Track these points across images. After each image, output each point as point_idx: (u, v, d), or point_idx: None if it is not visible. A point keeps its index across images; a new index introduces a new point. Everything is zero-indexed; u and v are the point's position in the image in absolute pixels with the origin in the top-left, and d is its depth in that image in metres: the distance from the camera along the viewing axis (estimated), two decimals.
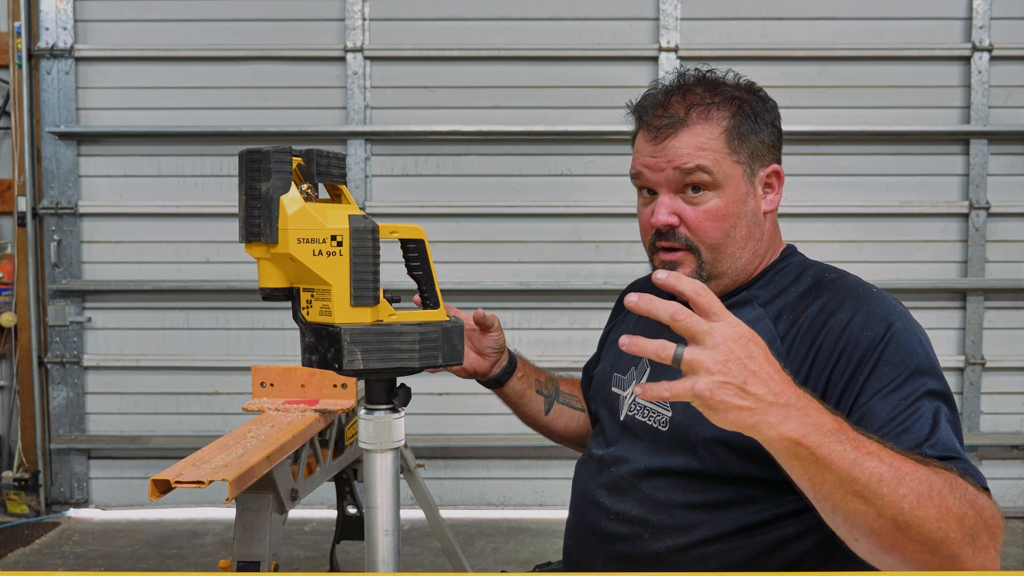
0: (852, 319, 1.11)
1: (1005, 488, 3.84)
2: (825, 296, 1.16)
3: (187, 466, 1.22)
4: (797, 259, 1.28)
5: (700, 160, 1.16)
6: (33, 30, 3.73)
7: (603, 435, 1.34)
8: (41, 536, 3.57)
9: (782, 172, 1.25)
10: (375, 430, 0.99)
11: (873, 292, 1.17)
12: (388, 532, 1.00)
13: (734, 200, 1.18)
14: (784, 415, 0.85)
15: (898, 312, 1.14)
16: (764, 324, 1.17)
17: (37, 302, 3.80)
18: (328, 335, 0.95)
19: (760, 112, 1.22)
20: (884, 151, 3.74)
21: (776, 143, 1.24)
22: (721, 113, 1.19)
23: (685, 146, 1.17)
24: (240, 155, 0.95)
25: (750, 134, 1.20)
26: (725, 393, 0.82)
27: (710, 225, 1.18)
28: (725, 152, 1.17)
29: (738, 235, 1.19)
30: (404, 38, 3.74)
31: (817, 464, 0.86)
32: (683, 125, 1.17)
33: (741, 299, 1.22)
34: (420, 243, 1.03)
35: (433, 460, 3.78)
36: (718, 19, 3.72)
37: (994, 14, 3.67)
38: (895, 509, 0.87)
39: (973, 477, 0.96)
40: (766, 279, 1.23)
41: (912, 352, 1.10)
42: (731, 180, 1.18)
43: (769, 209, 1.24)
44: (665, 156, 1.18)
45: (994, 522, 0.93)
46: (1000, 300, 3.78)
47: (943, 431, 1.02)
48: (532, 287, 3.75)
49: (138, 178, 3.80)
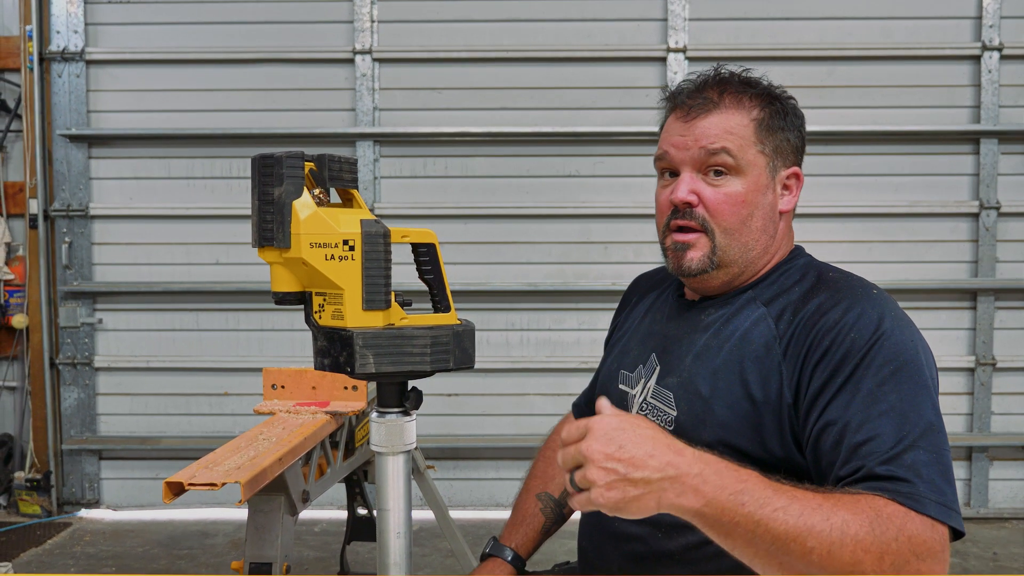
0: (843, 317, 1.10)
1: (1017, 489, 3.82)
2: (824, 295, 1.16)
3: (200, 468, 1.23)
4: (803, 259, 1.28)
5: (726, 142, 1.18)
6: (44, 33, 3.76)
7: None
8: (53, 536, 3.59)
9: (802, 176, 1.27)
10: (387, 433, 1.00)
11: (872, 293, 1.15)
12: (400, 535, 1.01)
13: (754, 189, 1.20)
14: (681, 488, 0.88)
15: (894, 314, 1.11)
16: (766, 324, 1.17)
17: (49, 304, 3.82)
18: (340, 339, 0.95)
19: (789, 114, 1.25)
20: (894, 151, 3.72)
21: (800, 148, 1.27)
22: (753, 103, 1.22)
23: (714, 127, 1.19)
24: (253, 160, 0.96)
25: (777, 130, 1.23)
26: (615, 492, 0.86)
27: (728, 209, 1.19)
28: (752, 140, 1.20)
29: (754, 225, 1.21)
30: (412, 40, 3.75)
31: (722, 528, 0.90)
32: (715, 107, 1.21)
33: (746, 299, 1.23)
34: (431, 247, 1.04)
35: (443, 461, 3.79)
36: (726, 19, 3.72)
37: (1004, 13, 3.66)
38: (804, 561, 0.90)
39: (916, 502, 0.95)
40: (771, 278, 1.24)
41: (897, 354, 1.07)
42: (753, 169, 1.20)
43: (785, 209, 1.26)
44: (693, 135, 1.20)
45: (925, 548, 0.93)
46: (1011, 300, 3.76)
47: (898, 447, 1.00)
48: (541, 288, 3.75)
49: (148, 180, 3.82)
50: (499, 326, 3.79)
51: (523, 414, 3.77)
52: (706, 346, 1.21)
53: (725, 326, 1.21)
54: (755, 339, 1.17)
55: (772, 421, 1.12)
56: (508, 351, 3.80)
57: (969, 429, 3.79)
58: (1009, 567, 3.25)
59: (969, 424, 3.79)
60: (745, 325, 1.19)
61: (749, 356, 1.16)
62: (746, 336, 1.18)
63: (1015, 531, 3.65)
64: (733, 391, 1.15)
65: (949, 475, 1.01)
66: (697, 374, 1.20)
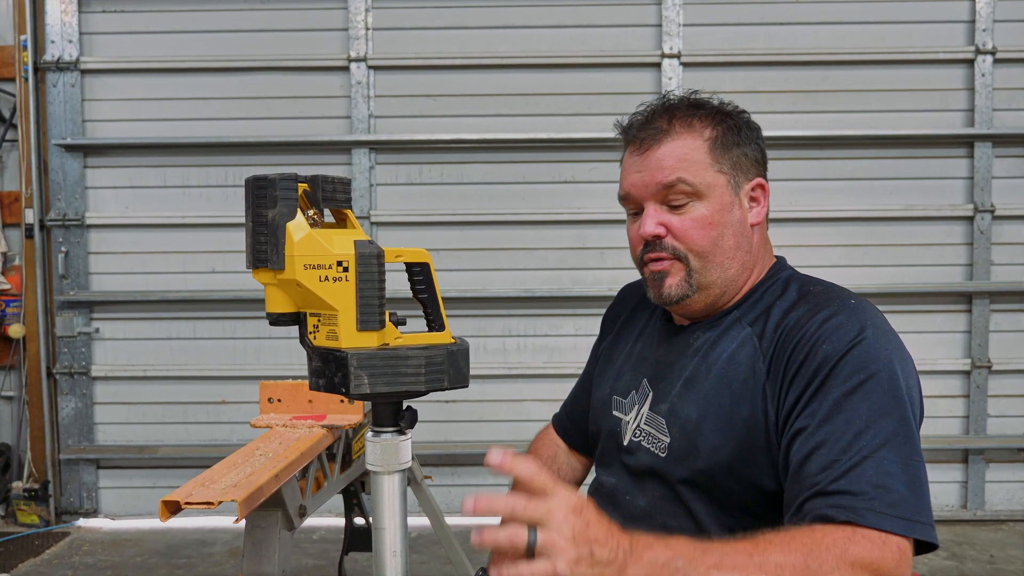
0: (820, 328, 1.10)
1: (1013, 491, 3.83)
2: (803, 308, 1.16)
3: (197, 486, 1.23)
4: (785, 274, 1.27)
5: (681, 171, 1.18)
6: (39, 43, 3.76)
7: (608, 462, 1.34)
8: (51, 546, 3.59)
9: (767, 186, 1.26)
10: (382, 452, 1.00)
11: (851, 303, 1.14)
12: (396, 553, 1.01)
13: (719, 209, 1.20)
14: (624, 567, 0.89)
15: (875, 325, 1.10)
16: (751, 344, 1.18)
17: (45, 313, 3.82)
18: (335, 359, 0.96)
19: (743, 129, 1.24)
20: (888, 155, 3.74)
21: (760, 160, 1.26)
22: (704, 123, 1.21)
23: (668, 156, 1.19)
24: (246, 182, 0.96)
25: (733, 146, 1.22)
26: (581, 568, 0.86)
27: (697, 233, 1.19)
28: (708, 162, 1.20)
29: (726, 244, 1.20)
30: (407, 47, 3.76)
31: None
32: (667, 135, 1.20)
33: (731, 320, 1.23)
34: (425, 266, 1.05)
35: (440, 467, 3.79)
36: (721, 25, 3.73)
37: (997, 17, 3.68)
38: None
39: (861, 516, 0.95)
40: (755, 296, 1.24)
41: (869, 363, 1.05)
42: (715, 189, 1.20)
43: (756, 221, 1.25)
44: (649, 169, 1.20)
45: (873, 568, 0.93)
46: (1006, 303, 3.78)
47: (855, 457, 1.00)
48: (537, 294, 3.76)
49: (144, 189, 3.82)
50: (496, 332, 3.79)
51: (520, 420, 3.77)
52: (695, 371, 1.21)
53: (712, 350, 1.21)
54: (741, 360, 1.17)
55: (763, 442, 1.12)
56: (505, 357, 3.80)
57: (965, 432, 3.80)
58: (1006, 569, 3.26)
59: (965, 427, 3.80)
60: (731, 348, 1.19)
61: (736, 379, 1.16)
62: (732, 358, 1.18)
63: (1012, 533, 3.66)
64: (722, 415, 1.15)
65: (917, 486, 1.00)
66: (687, 400, 1.20)
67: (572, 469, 1.53)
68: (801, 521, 1.00)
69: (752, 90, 3.69)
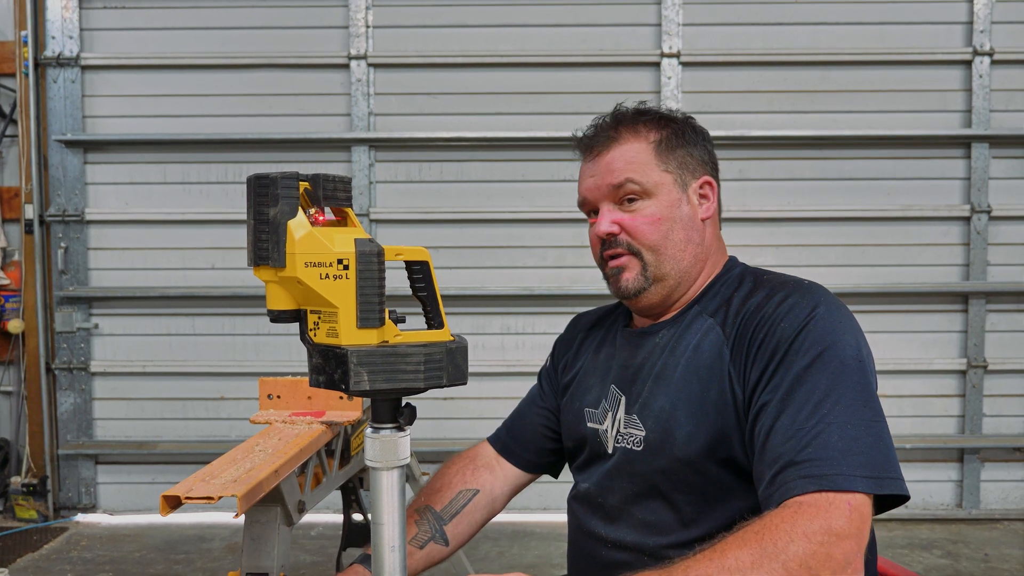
0: (777, 309, 1.16)
1: (1008, 490, 3.85)
2: (761, 293, 1.22)
3: (196, 481, 1.24)
4: (738, 269, 1.34)
5: (629, 172, 1.28)
6: (39, 39, 3.76)
7: (587, 468, 1.37)
8: (49, 541, 3.60)
9: (714, 183, 1.34)
10: (381, 449, 1.01)
11: (805, 284, 1.22)
12: (394, 548, 1.02)
13: (667, 205, 1.28)
14: None
15: (827, 302, 1.16)
16: (715, 332, 1.23)
17: (44, 309, 3.83)
18: (335, 356, 0.97)
19: (687, 132, 1.33)
20: (886, 155, 3.75)
21: (706, 160, 1.34)
22: (648, 128, 1.31)
23: (616, 160, 1.29)
24: (248, 180, 0.97)
25: (677, 147, 1.31)
26: None
27: (647, 229, 1.28)
28: (654, 162, 1.29)
29: (676, 238, 1.28)
30: (408, 45, 3.77)
31: None
32: (615, 141, 1.31)
33: (693, 314, 1.29)
34: (424, 265, 1.06)
35: (437, 465, 3.79)
36: (720, 24, 3.74)
37: (995, 18, 3.69)
38: None
39: (828, 480, 0.99)
40: (713, 291, 1.30)
41: (824, 337, 1.11)
42: (661, 188, 1.28)
43: (707, 216, 1.32)
44: (600, 172, 1.30)
45: (829, 534, 0.95)
46: (1002, 303, 3.79)
47: (820, 424, 1.04)
48: (536, 292, 3.77)
49: (144, 185, 3.83)
50: (494, 330, 3.80)
51: None
52: (663, 366, 1.26)
53: (678, 344, 1.26)
54: (706, 348, 1.22)
55: (733, 422, 1.16)
56: (503, 355, 3.81)
57: (961, 431, 3.82)
58: (1000, 568, 3.28)
59: (961, 426, 3.82)
60: (696, 339, 1.24)
61: (703, 365, 1.21)
62: (698, 348, 1.23)
63: (1006, 532, 3.67)
64: (694, 401, 1.19)
65: (881, 445, 1.04)
66: (658, 392, 1.24)
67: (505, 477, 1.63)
68: (774, 493, 1.04)
69: (751, 90, 3.70)
